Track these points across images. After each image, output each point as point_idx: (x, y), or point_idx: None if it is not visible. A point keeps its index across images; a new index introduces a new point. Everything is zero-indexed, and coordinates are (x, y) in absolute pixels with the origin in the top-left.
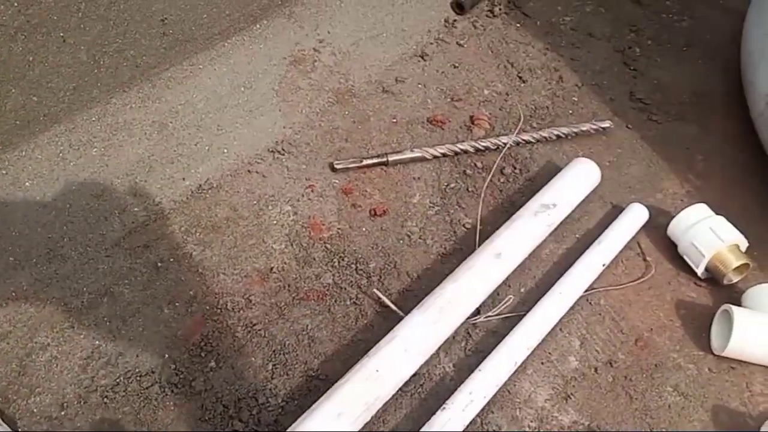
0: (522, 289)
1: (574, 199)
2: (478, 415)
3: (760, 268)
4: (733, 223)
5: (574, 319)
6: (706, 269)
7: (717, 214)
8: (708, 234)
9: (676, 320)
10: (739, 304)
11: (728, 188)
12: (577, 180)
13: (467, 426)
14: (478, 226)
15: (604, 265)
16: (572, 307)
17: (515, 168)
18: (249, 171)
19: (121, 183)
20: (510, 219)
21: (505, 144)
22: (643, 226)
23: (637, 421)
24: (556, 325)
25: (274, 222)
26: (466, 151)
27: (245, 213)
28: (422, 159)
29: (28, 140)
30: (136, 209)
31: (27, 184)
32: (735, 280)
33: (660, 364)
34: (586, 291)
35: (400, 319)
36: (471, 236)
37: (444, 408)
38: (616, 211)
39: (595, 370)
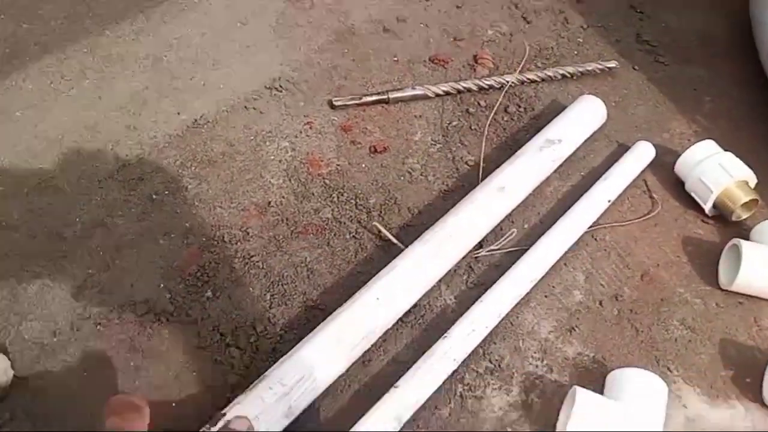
0: (526, 225)
1: (580, 135)
2: (480, 346)
3: None
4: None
5: (579, 255)
6: (714, 206)
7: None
8: (716, 169)
9: (683, 256)
10: (744, 238)
11: (736, 129)
12: (583, 117)
13: (469, 356)
14: (481, 162)
15: (609, 201)
16: (577, 244)
17: (519, 106)
18: (246, 107)
19: (115, 116)
20: (514, 155)
21: (508, 82)
22: (650, 165)
23: (643, 354)
24: (560, 260)
25: (272, 157)
26: (469, 90)
27: (242, 148)
28: (424, 97)
29: (18, 69)
30: (130, 142)
31: (17, 114)
32: (743, 217)
33: (666, 298)
34: (591, 227)
35: (401, 252)
36: (474, 173)
37: (445, 337)
38: (621, 150)
39: (600, 303)
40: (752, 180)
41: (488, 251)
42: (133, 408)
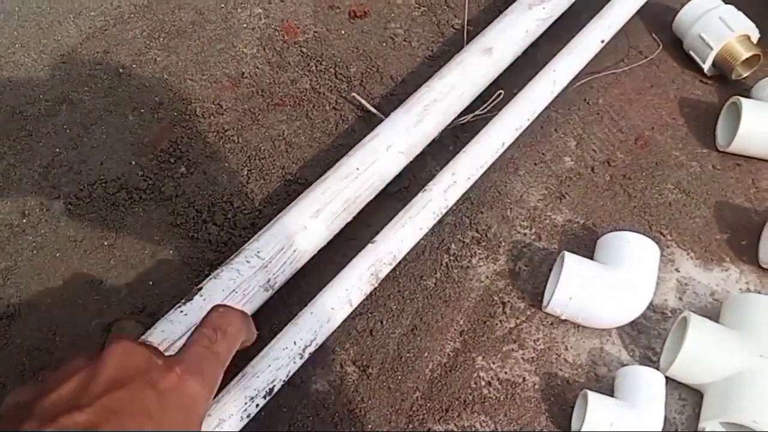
0: (515, 90)
1: None
2: (466, 216)
3: None
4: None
5: (570, 120)
6: (714, 64)
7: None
8: (717, 24)
9: (680, 118)
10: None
11: None
12: None
13: (455, 226)
14: (466, 21)
15: (603, 41)
16: (569, 108)
17: None
18: None
19: None
20: (502, 14)
21: None
22: (649, 24)
23: (636, 219)
24: (550, 126)
25: (244, 26)
26: None
27: (212, 17)
28: None
29: None
30: (92, 13)
31: None
32: (744, 75)
33: (661, 162)
34: (585, 78)
35: (382, 122)
36: (460, 37)
37: (425, 190)
38: None
39: (592, 169)
40: (754, 34)
41: (474, 116)
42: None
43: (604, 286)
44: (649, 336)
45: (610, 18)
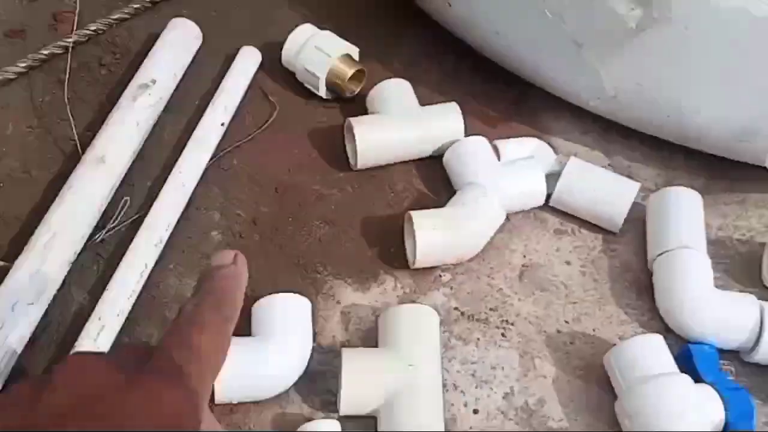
0: (148, 183)
1: (176, 66)
2: (126, 335)
3: (381, 68)
4: (342, 35)
5: (210, 192)
6: (328, 89)
7: (323, 29)
8: (315, 53)
9: (313, 152)
10: (364, 111)
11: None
12: (174, 45)
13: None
14: (76, 134)
15: (223, 124)
16: (206, 181)
17: (115, 54)
18: None
19: None
20: (109, 114)
21: (95, 30)
22: (263, 67)
23: (291, 268)
24: (190, 207)
25: None
26: (55, 55)
27: None
28: (5, 82)
29: None
30: None
31: None
32: (357, 90)
33: (303, 201)
34: (213, 158)
35: (9, 270)
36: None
37: (76, 347)
38: (230, 63)
39: (240, 235)
40: (354, 51)
41: (107, 232)
42: None
43: (258, 363)
44: (325, 380)
45: (225, 100)
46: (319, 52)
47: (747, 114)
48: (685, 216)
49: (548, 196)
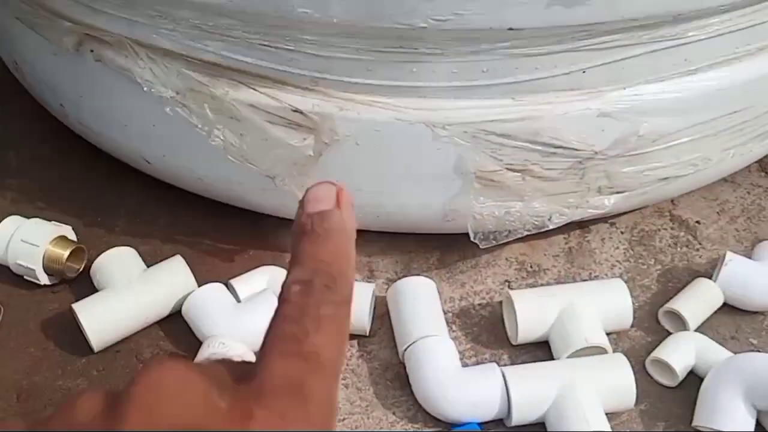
0: None
1: None
2: None
3: (104, 232)
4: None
5: None
6: (50, 274)
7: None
8: (23, 246)
9: (50, 345)
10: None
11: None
12: None
13: None
14: None
15: None
16: None
17: None
18: None
19: None
20: None
21: None
22: None
23: None
24: None
25: None
26: None
27: None
28: None
29: None
30: None
31: None
32: (80, 267)
33: (49, 402)
34: None
35: None
36: None
37: None
38: None
39: None
40: (69, 232)
41: None
42: None
43: None
44: None
45: None
46: (25, 244)
47: (439, 199)
48: (421, 305)
49: None
